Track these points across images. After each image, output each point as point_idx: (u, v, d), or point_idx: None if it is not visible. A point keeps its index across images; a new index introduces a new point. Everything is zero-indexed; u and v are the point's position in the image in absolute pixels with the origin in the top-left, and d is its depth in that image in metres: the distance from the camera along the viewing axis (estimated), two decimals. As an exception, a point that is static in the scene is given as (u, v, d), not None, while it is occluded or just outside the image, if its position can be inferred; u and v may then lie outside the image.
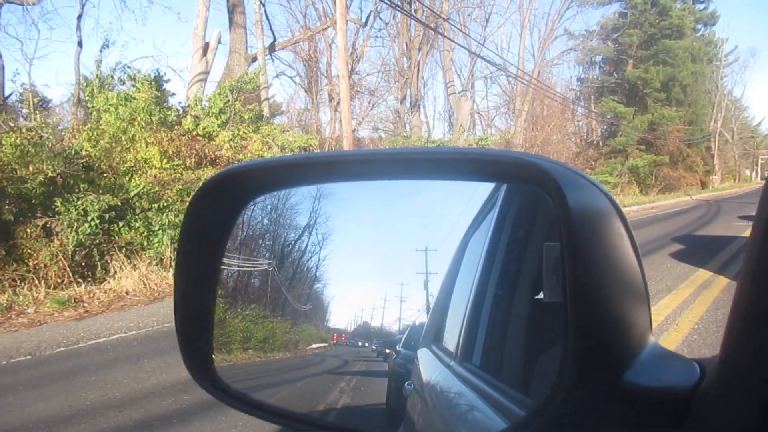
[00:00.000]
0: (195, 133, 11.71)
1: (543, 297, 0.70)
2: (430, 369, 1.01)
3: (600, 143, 42.04)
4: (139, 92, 11.21)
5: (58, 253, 8.35)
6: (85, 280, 8.65)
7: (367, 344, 0.89)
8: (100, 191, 9.79)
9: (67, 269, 8.35)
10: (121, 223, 9.63)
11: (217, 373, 0.90)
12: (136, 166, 10.64)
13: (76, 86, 15.86)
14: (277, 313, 0.98)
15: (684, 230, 15.72)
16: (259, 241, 1.02)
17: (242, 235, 0.97)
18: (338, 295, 0.92)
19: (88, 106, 12.23)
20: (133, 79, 11.93)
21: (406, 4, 27.01)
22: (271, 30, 21.97)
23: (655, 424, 0.54)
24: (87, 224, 8.54)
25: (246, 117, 14.04)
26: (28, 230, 8.53)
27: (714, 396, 0.50)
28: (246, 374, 0.99)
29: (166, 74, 12.73)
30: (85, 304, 7.67)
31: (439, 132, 40.53)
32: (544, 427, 0.58)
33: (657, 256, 10.51)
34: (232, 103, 12.84)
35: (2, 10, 17.74)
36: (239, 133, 12.66)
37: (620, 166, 36.58)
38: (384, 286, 0.85)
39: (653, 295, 6.84)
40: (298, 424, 0.90)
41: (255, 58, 19.07)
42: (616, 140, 39.56)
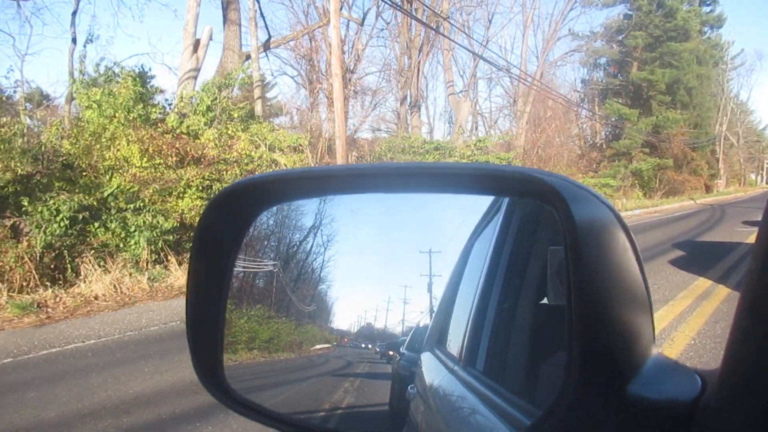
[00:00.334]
0: (179, 131, 11.28)
1: (547, 301, 0.71)
2: (433, 373, 1.02)
3: (604, 146, 41.61)
4: (123, 88, 10.88)
5: (24, 255, 7.94)
6: (56, 283, 8.24)
7: (370, 346, 0.89)
8: (77, 190, 9.45)
9: (33, 272, 7.93)
10: (96, 224, 9.27)
11: (227, 381, 0.89)
12: (116, 165, 10.29)
13: (69, 83, 15.49)
14: (281, 314, 0.98)
15: (686, 236, 15.31)
16: (265, 242, 1.02)
17: (248, 237, 0.96)
18: (342, 296, 0.92)
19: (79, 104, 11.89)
20: (116, 75, 11.59)
21: (406, 3, 26.69)
22: (266, 27, 21.62)
23: None
24: (56, 225, 8.14)
25: (236, 115, 13.71)
26: (-5, 231, 8.14)
27: (716, 408, 0.50)
28: (251, 374, 0.99)
29: (151, 70, 12.32)
30: (48, 310, 7.25)
31: (439, 133, 40.20)
32: None
33: (656, 263, 10.02)
34: (219, 100, 12.46)
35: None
36: (227, 131, 12.30)
37: (624, 169, 36.18)
38: (388, 288, 0.85)
39: (649, 306, 6.35)
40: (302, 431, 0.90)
41: (250, 56, 18.68)
42: (620, 143, 39.18)
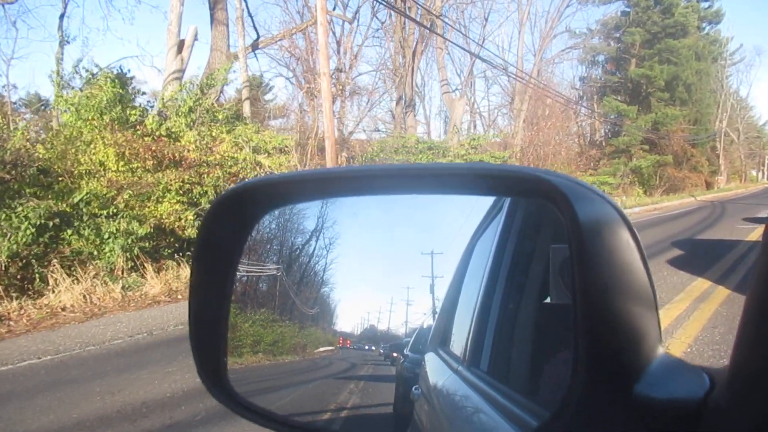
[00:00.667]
0: (158, 133, 10.89)
1: (550, 299, 0.71)
2: (437, 373, 1.01)
3: (603, 143, 41.23)
4: (98, 90, 10.52)
5: (-14, 265, 7.57)
6: (24, 293, 7.89)
7: (374, 347, 0.88)
8: (50, 196, 9.09)
9: (-5, 283, 7.54)
10: (69, 231, 8.90)
11: (230, 384, 0.88)
12: (92, 170, 9.92)
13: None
14: (285, 317, 0.98)
15: (685, 233, 14.93)
16: (267, 246, 1.01)
17: (251, 241, 0.95)
18: (345, 298, 0.91)
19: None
20: (93, 77, 11.22)
21: (400, 1, 26.33)
22: (254, 27, 21.38)
23: None
24: (21, 233, 7.77)
25: (220, 116, 13.35)
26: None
27: (724, 407, 0.49)
28: (256, 377, 0.98)
29: (130, 71, 11.93)
30: (11, 323, 6.87)
31: (436, 132, 39.81)
32: None
33: (654, 263, 9.76)
34: (202, 101, 12.08)
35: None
36: (210, 132, 11.93)
37: (623, 166, 35.80)
38: (390, 289, 0.85)
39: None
40: None
41: (238, 56, 18.34)
42: (619, 140, 38.86)
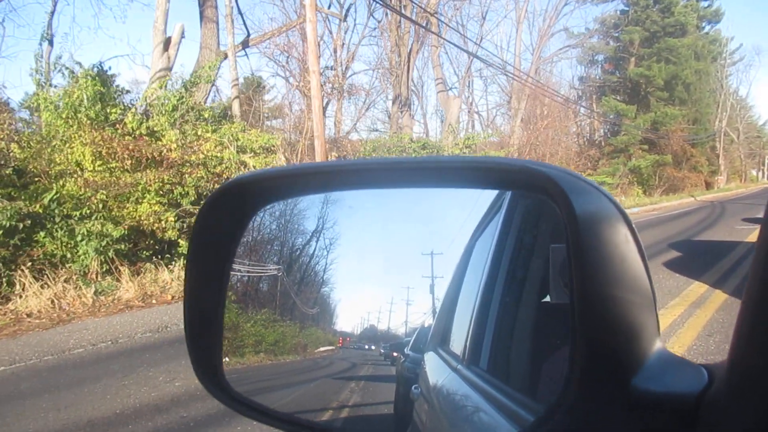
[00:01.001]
0: (139, 132, 10.54)
1: (549, 299, 0.70)
2: (437, 372, 1.01)
3: (602, 143, 40.90)
4: (76, 88, 10.19)
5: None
6: (-7, 299, 7.57)
7: (374, 347, 0.88)
8: (23, 197, 8.77)
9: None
10: (42, 233, 8.57)
11: (225, 379, 0.88)
12: (68, 170, 9.59)
13: (46, 86, 14.82)
14: (286, 317, 0.98)
15: (683, 234, 14.62)
16: (268, 247, 1.01)
17: (252, 242, 0.95)
18: (345, 298, 0.91)
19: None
20: (73, 74, 10.88)
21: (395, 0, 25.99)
22: (245, 25, 21.11)
23: (664, 430, 0.53)
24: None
25: (206, 115, 13.01)
26: None
27: (723, 401, 0.50)
28: (257, 377, 0.99)
29: (111, 68, 11.59)
30: (-29, 331, 6.56)
31: (434, 132, 39.42)
32: None
33: (650, 266, 9.31)
34: (185, 99, 11.73)
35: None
36: (195, 131, 11.60)
37: (622, 166, 35.47)
38: (390, 289, 0.85)
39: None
40: (305, 430, 0.90)
41: (228, 55, 18.00)
42: (618, 139, 38.53)
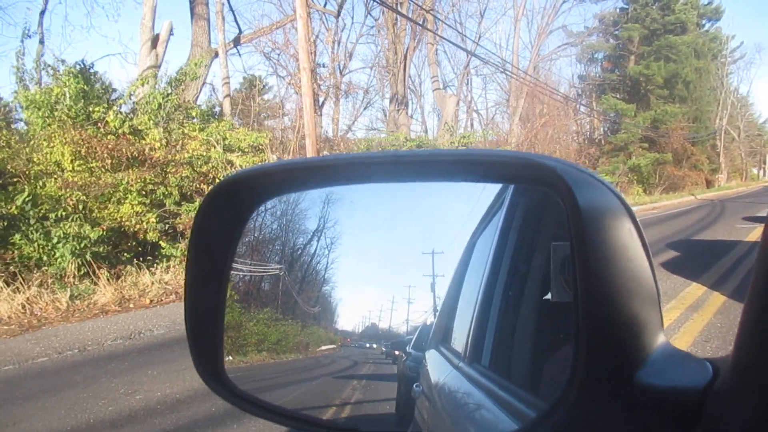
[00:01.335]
0: (121, 131, 10.26)
1: (551, 297, 0.70)
2: (438, 370, 1.01)
3: (602, 141, 40.60)
4: (57, 86, 9.94)
5: None
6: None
7: (375, 346, 0.88)
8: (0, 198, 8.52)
9: None
10: (18, 235, 8.31)
11: (227, 376, 0.88)
12: (47, 170, 9.33)
13: (33, 84, 14.59)
14: (288, 316, 0.98)
15: (682, 234, 14.34)
16: (270, 246, 1.02)
17: (253, 241, 0.95)
18: (346, 297, 0.91)
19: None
20: (56, 72, 10.61)
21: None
22: (236, 22, 20.90)
23: (668, 425, 0.53)
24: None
25: (194, 113, 12.74)
26: None
27: (727, 396, 0.49)
28: (260, 375, 0.99)
29: (94, 66, 11.29)
30: (-71, 340, 6.27)
31: (431, 130, 39.11)
32: (555, 429, 0.57)
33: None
34: (172, 97, 11.44)
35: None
36: (182, 130, 11.33)
37: (622, 165, 35.19)
38: (391, 288, 0.84)
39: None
40: (306, 425, 0.89)
41: (219, 53, 17.73)
42: (617, 137, 38.24)
